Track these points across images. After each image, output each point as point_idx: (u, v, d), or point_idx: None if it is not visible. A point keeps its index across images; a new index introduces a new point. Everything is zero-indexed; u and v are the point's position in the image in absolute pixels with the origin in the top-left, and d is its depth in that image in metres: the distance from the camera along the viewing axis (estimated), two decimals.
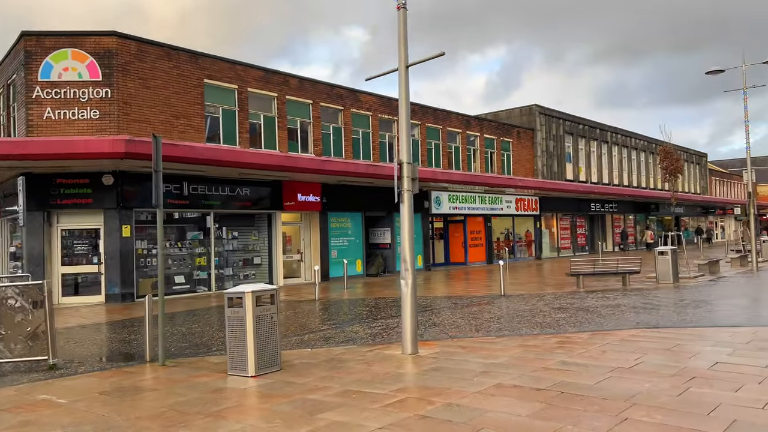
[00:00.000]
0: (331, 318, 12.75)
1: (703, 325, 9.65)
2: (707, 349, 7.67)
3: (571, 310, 12.20)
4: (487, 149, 31.57)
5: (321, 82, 23.55)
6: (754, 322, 9.97)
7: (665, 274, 17.69)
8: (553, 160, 35.68)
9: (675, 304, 12.55)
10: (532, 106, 34.66)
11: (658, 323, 10.03)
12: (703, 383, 6.00)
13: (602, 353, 7.64)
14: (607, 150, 41.56)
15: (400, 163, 8.53)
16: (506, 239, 32.43)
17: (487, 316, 11.75)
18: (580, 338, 8.84)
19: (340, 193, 22.48)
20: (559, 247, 35.93)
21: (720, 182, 63.69)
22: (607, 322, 10.34)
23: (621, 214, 42.20)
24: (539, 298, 14.79)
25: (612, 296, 14.46)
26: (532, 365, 7.12)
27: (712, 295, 14.12)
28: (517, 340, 8.94)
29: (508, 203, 31.41)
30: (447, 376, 6.76)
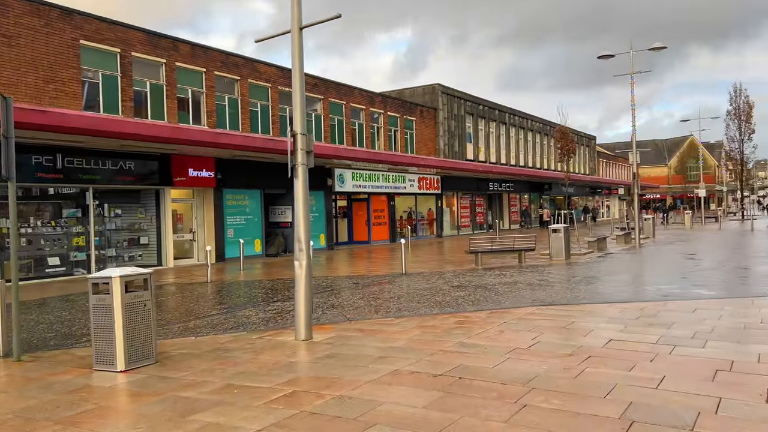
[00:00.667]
0: (222, 302, 11.90)
1: (595, 302, 9.84)
2: (600, 326, 7.72)
3: (470, 288, 12.15)
4: (391, 127, 31.33)
5: (215, 49, 22.07)
6: (640, 297, 10.32)
7: (558, 251, 18.29)
8: (454, 139, 36.13)
9: (568, 281, 12.87)
10: (434, 86, 34.78)
11: (553, 300, 10.13)
12: (599, 363, 5.93)
13: (500, 333, 7.47)
14: (505, 131, 42.77)
15: (294, 135, 7.85)
16: (409, 218, 32.54)
17: (388, 296, 11.42)
18: (478, 317, 8.68)
19: (237, 168, 21.30)
20: (459, 225, 36.64)
21: (606, 164, 67.90)
22: (505, 300, 10.32)
23: (517, 193, 43.76)
24: (439, 276, 14.71)
25: (509, 273, 14.65)
26: (430, 348, 6.80)
27: (602, 271, 14.68)
28: (416, 320, 8.64)
29: (411, 182, 31.44)
30: (341, 364, 6.27)
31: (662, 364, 5.78)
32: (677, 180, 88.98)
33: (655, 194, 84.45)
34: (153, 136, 16.45)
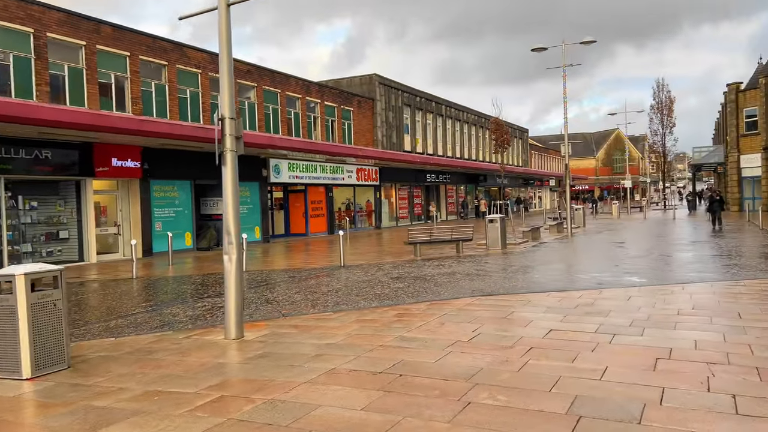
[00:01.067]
0: (148, 299, 11.17)
1: (533, 291, 9.83)
2: (540, 316, 7.65)
3: (410, 279, 11.95)
4: (328, 117, 30.80)
5: (140, 32, 20.86)
6: (576, 286, 10.42)
7: (495, 241, 18.43)
8: (392, 130, 35.98)
9: (505, 270, 12.90)
10: (372, 76, 34.46)
11: (492, 290, 10.06)
12: (541, 354, 5.80)
13: (441, 325, 7.27)
14: (442, 123, 43.03)
15: (222, 119, 7.33)
16: (347, 209, 32.17)
17: (325, 290, 11.05)
18: (418, 309, 8.46)
19: (165, 158, 20.26)
20: (398, 217, 36.60)
21: (539, 156, 69.79)
22: (444, 291, 10.17)
23: (454, 184, 44.18)
24: (378, 267, 14.46)
25: (447, 264, 14.58)
26: (369, 344, 6.50)
27: (537, 261, 14.84)
28: (355, 314, 8.32)
29: (350, 173, 31.05)
30: (274, 364, 5.87)
31: (604, 354, 5.72)
32: (604, 172, 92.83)
33: (584, 185, 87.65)
34: (72, 123, 15.30)
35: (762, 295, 8.65)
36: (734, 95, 40.98)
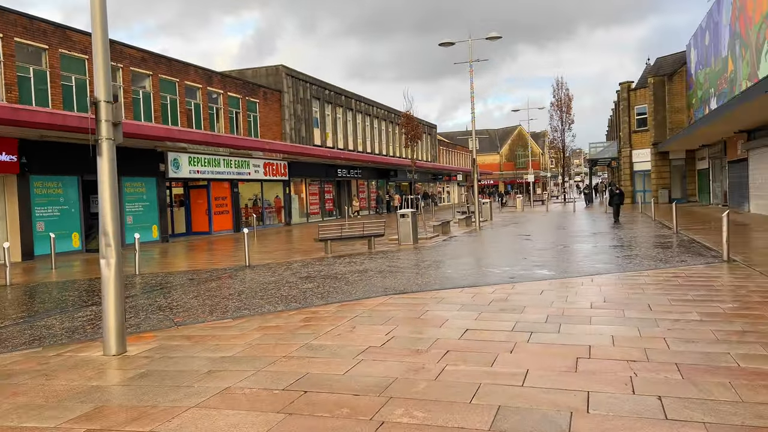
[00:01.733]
0: (20, 310, 9.80)
1: (446, 287, 9.51)
2: (455, 314, 7.29)
3: (319, 278, 11.32)
4: (232, 109, 29.39)
5: (15, 11, 18.70)
6: (489, 280, 10.22)
7: (406, 236, 18.17)
8: (301, 124, 35.03)
9: (418, 266, 12.57)
10: (278, 67, 33.32)
11: (405, 288, 9.65)
12: (459, 358, 5.39)
13: (352, 329, 6.71)
14: (352, 117, 42.55)
15: (96, 103, 6.34)
16: (255, 205, 30.93)
17: (227, 293, 10.18)
18: (327, 312, 7.86)
19: (48, 152, 18.32)
20: (309, 213, 35.75)
21: (447, 151, 71.12)
22: (356, 290, 9.63)
23: (365, 179, 43.88)
24: (286, 266, 13.70)
25: (359, 260, 14.07)
26: (272, 355, 5.82)
27: (449, 255, 14.67)
28: (258, 320, 7.59)
29: (256, 167, 29.84)
30: (158, 386, 5.06)
31: (523, 355, 5.39)
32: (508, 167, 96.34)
33: (489, 180, 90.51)
34: None
35: (666, 285, 8.80)
36: (626, 93, 43.50)
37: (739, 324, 6.18)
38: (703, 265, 10.84)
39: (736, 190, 29.84)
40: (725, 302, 7.33)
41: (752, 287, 8.26)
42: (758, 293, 7.82)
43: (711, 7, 31.98)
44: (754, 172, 26.40)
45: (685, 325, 6.24)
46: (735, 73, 27.47)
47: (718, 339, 5.64)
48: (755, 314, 6.60)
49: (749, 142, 26.15)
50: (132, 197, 22.35)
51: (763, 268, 10.01)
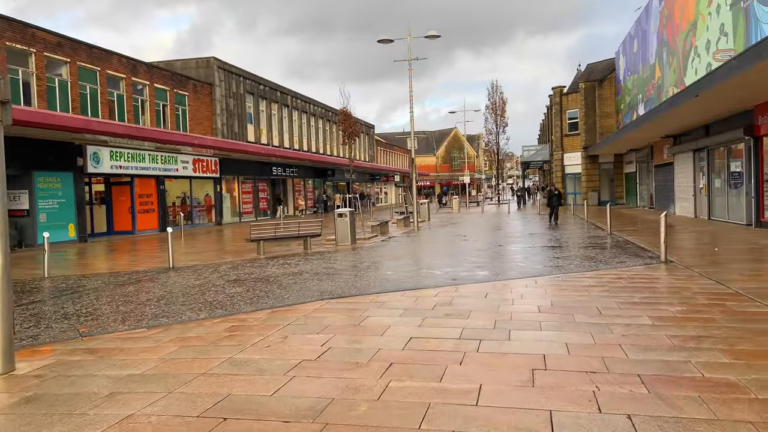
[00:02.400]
0: None
1: (387, 290, 8.93)
2: (397, 321, 6.72)
3: (250, 281, 10.49)
4: (159, 101, 27.78)
5: None
6: (431, 282, 9.74)
7: (344, 236, 17.53)
8: (233, 119, 33.67)
9: (356, 268, 11.95)
10: (210, 59, 31.86)
11: (343, 291, 9.01)
12: (403, 373, 4.81)
13: (283, 340, 6.01)
14: (288, 114, 41.43)
15: None
16: (183, 204, 29.39)
17: (144, 298, 9.21)
18: (256, 319, 7.11)
19: None
20: (241, 212, 34.41)
21: (384, 152, 70.91)
22: (289, 295, 8.90)
23: (301, 178, 42.84)
24: (214, 269, 12.76)
25: (294, 262, 13.31)
26: (188, 371, 5.05)
27: (388, 256, 14.14)
28: (177, 330, 6.75)
29: (185, 164, 28.35)
30: (44, 414, 4.20)
31: (474, 368, 4.87)
32: (444, 168, 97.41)
33: (426, 181, 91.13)
34: None
35: (611, 287, 8.58)
36: (558, 98, 44.55)
37: (692, 329, 5.93)
38: (642, 266, 10.79)
39: (662, 193, 30.97)
40: (673, 305, 7.12)
41: (696, 289, 8.14)
42: (703, 295, 7.68)
43: (639, 16, 33.09)
44: (679, 175, 27.41)
45: (638, 330, 5.92)
46: (662, 80, 28.46)
47: (675, 345, 5.33)
48: (705, 317, 6.39)
49: (675, 147, 27.11)
50: (46, 193, 20.57)
51: (700, 268, 10.02)
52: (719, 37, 20.41)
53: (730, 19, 19.21)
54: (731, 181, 21.03)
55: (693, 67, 23.47)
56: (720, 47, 20.38)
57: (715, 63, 20.81)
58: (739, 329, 5.84)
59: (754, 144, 18.37)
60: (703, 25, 22.14)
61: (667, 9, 27.10)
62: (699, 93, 15.87)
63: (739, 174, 20.27)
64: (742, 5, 18.15)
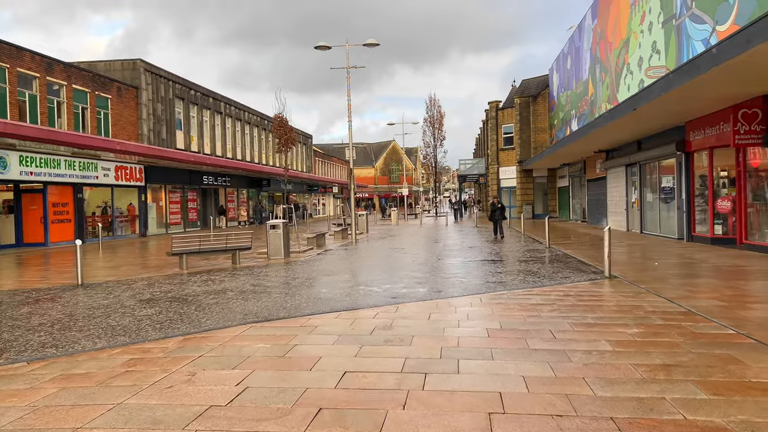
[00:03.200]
0: None
1: (320, 311, 8.03)
2: (330, 350, 5.85)
3: (165, 301, 9.33)
4: (78, 104, 25.77)
5: None
6: (369, 301, 8.91)
7: (277, 250, 16.47)
8: (161, 125, 31.84)
9: (288, 285, 10.98)
10: (136, 61, 30.01)
11: (270, 313, 8.03)
12: (335, 422, 3.94)
13: (190, 378, 5.01)
14: (221, 121, 39.76)
15: None
16: (104, 214, 27.36)
17: (37, 322, 7.90)
18: (164, 350, 6.05)
19: None
20: (168, 223, 32.50)
21: (322, 163, 69.81)
22: (208, 318, 7.84)
23: (235, 188, 41.18)
24: (128, 285, 11.46)
25: (219, 278, 12.17)
26: (60, 427, 3.98)
27: (323, 271, 13.22)
28: (63, 364, 5.60)
29: (106, 171, 26.40)
30: None
31: (420, 411, 4.07)
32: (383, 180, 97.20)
33: (364, 193, 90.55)
34: None
35: (560, 306, 8.03)
36: (494, 112, 45.05)
37: (657, 355, 5.37)
38: (587, 281, 10.38)
39: (595, 207, 31.52)
40: (629, 326, 6.60)
41: (648, 308, 7.69)
42: (657, 314, 7.23)
43: (573, 34, 33.81)
44: (612, 189, 27.91)
45: (599, 358, 5.31)
46: (595, 96, 29.01)
47: (643, 378, 4.72)
48: (667, 342, 5.87)
49: (607, 161, 27.59)
50: None
51: (646, 284, 9.69)
52: (651, 54, 20.81)
53: (662, 36, 19.59)
54: (663, 195, 21.42)
55: (626, 84, 23.92)
56: (652, 64, 20.78)
57: (647, 80, 21.21)
58: (706, 355, 5.33)
59: (685, 159, 18.71)
60: (635, 42, 22.59)
61: (600, 27, 27.68)
62: (636, 107, 15.93)
63: (670, 189, 20.65)
64: (674, 23, 18.51)
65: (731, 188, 16.48)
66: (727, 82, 12.29)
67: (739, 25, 14.04)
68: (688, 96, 14.04)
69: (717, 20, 15.49)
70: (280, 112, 18.77)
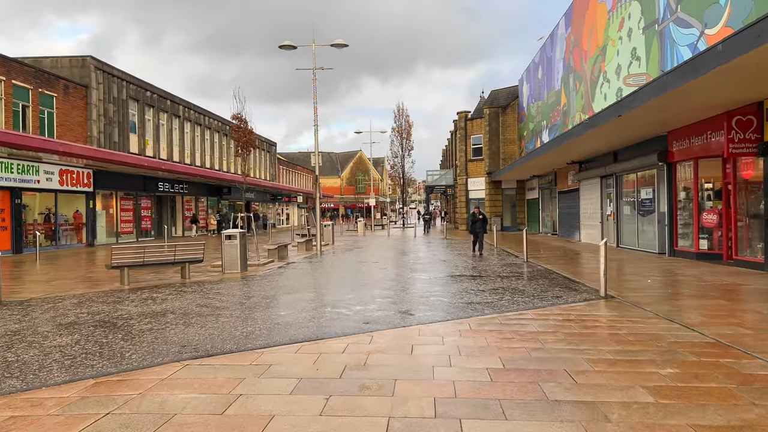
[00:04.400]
0: None
1: (277, 343, 6.56)
2: (285, 403, 4.41)
3: (89, 326, 7.71)
4: (18, 101, 23.62)
5: None
6: (337, 329, 7.48)
7: (233, 262, 14.87)
8: (113, 127, 29.75)
9: (241, 305, 9.45)
10: (86, 58, 27.93)
11: (214, 345, 6.53)
12: None
13: None
14: (179, 125, 37.74)
15: None
16: (47, 221, 25.16)
17: None
18: (60, 402, 4.51)
19: None
20: (119, 232, 30.31)
21: (287, 171, 67.91)
22: (135, 351, 6.29)
23: (192, 195, 39.13)
24: (53, 304, 9.75)
25: (162, 296, 10.55)
26: None
27: (284, 288, 11.71)
28: None
29: (49, 175, 24.27)
30: None
31: None
32: (349, 191, 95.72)
33: (330, 203, 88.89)
34: None
35: (564, 334, 6.77)
36: (463, 123, 44.21)
37: (716, 411, 4.12)
38: (583, 302, 9.18)
39: (566, 219, 30.75)
40: (658, 364, 5.36)
41: (668, 337, 6.50)
42: (683, 347, 6.03)
43: (545, 43, 33.21)
44: (585, 202, 27.14)
45: (644, 416, 4.02)
46: (568, 106, 28.31)
47: None
48: (717, 389, 4.64)
49: (580, 173, 26.83)
50: None
51: (651, 306, 8.54)
52: (631, 61, 20.06)
53: (643, 43, 18.85)
54: (641, 208, 20.61)
55: (602, 93, 23.19)
56: (632, 72, 20.03)
57: (626, 88, 20.45)
58: None
59: (667, 170, 17.90)
60: (613, 50, 21.88)
61: (574, 35, 27.02)
62: (621, 113, 14.99)
63: (650, 201, 19.85)
64: (656, 28, 17.75)
65: (717, 201, 15.68)
66: (726, 84, 11.38)
67: (733, 27, 13.24)
68: (680, 101, 13.13)
69: (706, 23, 14.70)
70: (238, 113, 17.19)
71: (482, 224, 20.19)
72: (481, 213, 20.59)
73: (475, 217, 20.46)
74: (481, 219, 20.27)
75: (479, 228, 20.12)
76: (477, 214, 20.56)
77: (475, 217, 20.47)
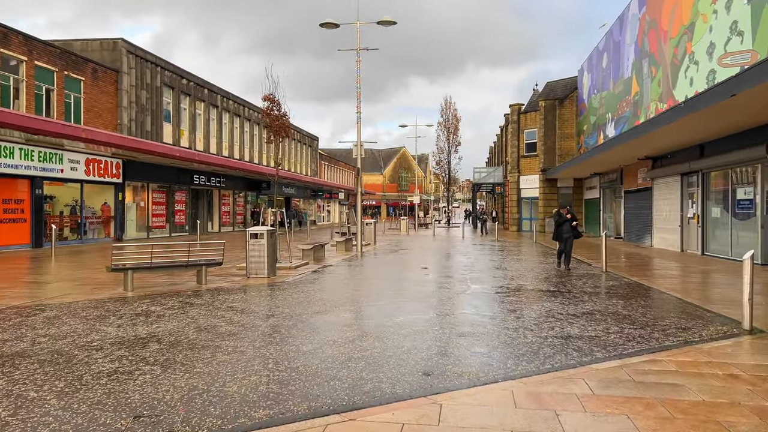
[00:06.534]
0: None
1: (287, 411, 4.16)
2: None
3: (31, 364, 5.49)
4: (42, 84, 22.08)
5: None
6: (384, 383, 5.01)
7: (259, 265, 12.62)
8: (145, 115, 28.13)
9: (254, 329, 7.12)
10: (117, 41, 26.33)
11: (186, 418, 4.17)
12: None
13: None
14: (217, 115, 36.04)
15: None
16: (73, 214, 23.66)
17: None
18: None
19: None
20: (150, 226, 28.71)
21: (329, 167, 66.04)
22: (58, 426, 3.99)
23: (230, 190, 37.43)
24: (22, 318, 7.68)
25: (162, 309, 8.34)
26: None
27: (313, 303, 9.33)
28: None
29: (74, 164, 22.71)
30: None
31: None
32: (391, 188, 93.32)
33: (372, 201, 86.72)
34: None
35: (749, 409, 4.14)
36: (516, 116, 41.15)
37: None
38: (727, 340, 6.48)
39: (634, 221, 27.53)
40: None
41: None
42: None
43: (611, 28, 29.97)
44: (660, 202, 23.94)
45: None
46: (641, 95, 25.11)
47: None
48: None
49: (654, 170, 23.65)
50: None
51: None
52: (729, 38, 16.92)
53: (749, 14, 15.72)
54: (737, 210, 17.47)
55: (687, 77, 20.02)
56: (730, 50, 16.90)
57: (720, 69, 17.34)
58: None
59: None
60: (703, 26, 18.72)
61: (650, 15, 23.81)
62: (738, 92, 12.04)
63: (749, 202, 16.73)
64: None
65: None
66: None
67: None
68: None
69: None
70: (270, 93, 14.95)
71: (571, 228, 15.09)
72: (569, 212, 15.36)
73: (562, 217, 15.25)
74: (568, 220, 15.10)
75: (566, 232, 15.02)
76: (564, 214, 15.32)
77: (561, 218, 15.28)
